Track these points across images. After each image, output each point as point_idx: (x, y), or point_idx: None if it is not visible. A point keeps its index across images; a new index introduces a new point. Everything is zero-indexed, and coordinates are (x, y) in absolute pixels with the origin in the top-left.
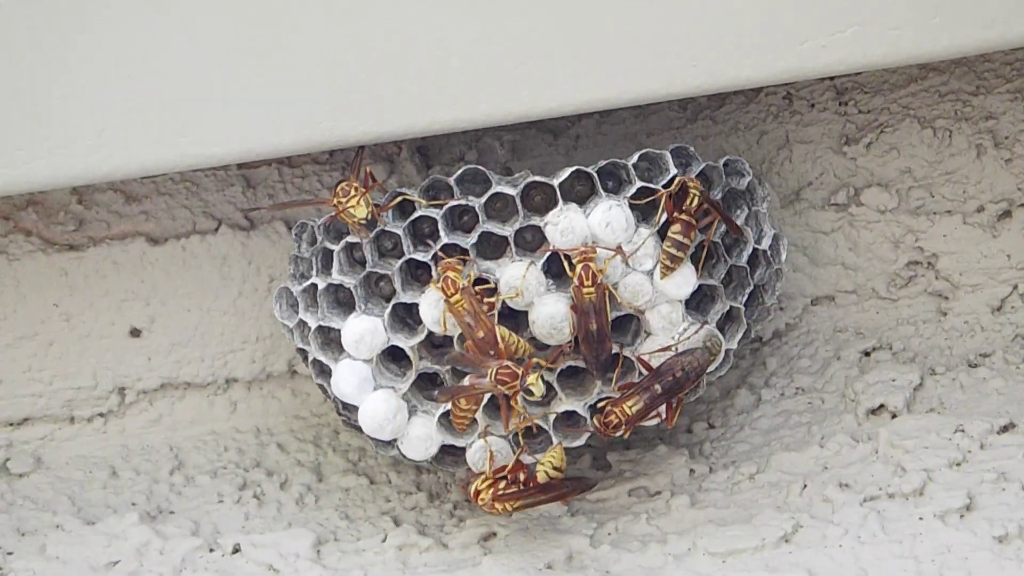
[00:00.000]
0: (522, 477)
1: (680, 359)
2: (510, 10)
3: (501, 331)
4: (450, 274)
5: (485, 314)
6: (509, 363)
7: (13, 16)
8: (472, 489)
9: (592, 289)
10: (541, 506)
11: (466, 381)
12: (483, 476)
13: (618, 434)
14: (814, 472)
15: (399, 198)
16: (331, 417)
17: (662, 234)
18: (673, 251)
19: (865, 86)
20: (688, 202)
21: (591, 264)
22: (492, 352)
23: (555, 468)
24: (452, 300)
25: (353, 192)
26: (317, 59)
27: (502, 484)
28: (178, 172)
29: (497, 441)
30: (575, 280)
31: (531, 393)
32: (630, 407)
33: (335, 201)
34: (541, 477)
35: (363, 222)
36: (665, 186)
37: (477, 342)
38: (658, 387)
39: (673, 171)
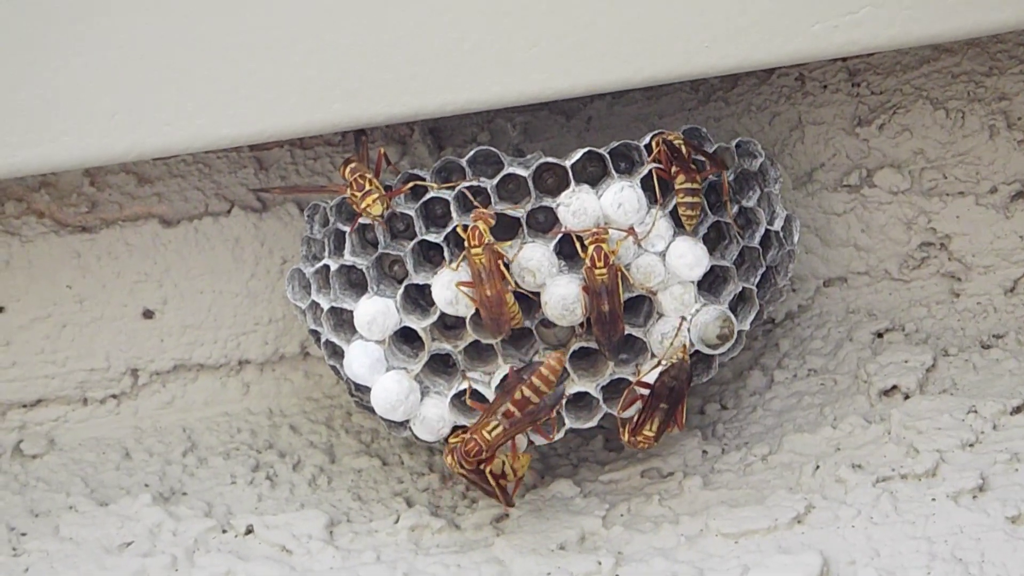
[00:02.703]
0: (483, 456)
1: (663, 378)
2: None
3: (508, 296)
4: (480, 224)
5: (499, 276)
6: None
7: None
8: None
9: (604, 270)
10: (479, 487)
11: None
12: (461, 433)
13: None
14: (827, 453)
15: (412, 183)
16: (344, 398)
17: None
18: (689, 199)
19: (878, 67)
20: (681, 152)
21: (603, 245)
22: (495, 313)
23: (512, 468)
24: (473, 251)
25: (368, 187)
26: (329, 40)
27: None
28: (190, 154)
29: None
30: (587, 261)
31: None
32: (651, 428)
33: (349, 193)
34: (495, 466)
35: (380, 218)
36: (647, 147)
37: (482, 298)
38: (664, 404)
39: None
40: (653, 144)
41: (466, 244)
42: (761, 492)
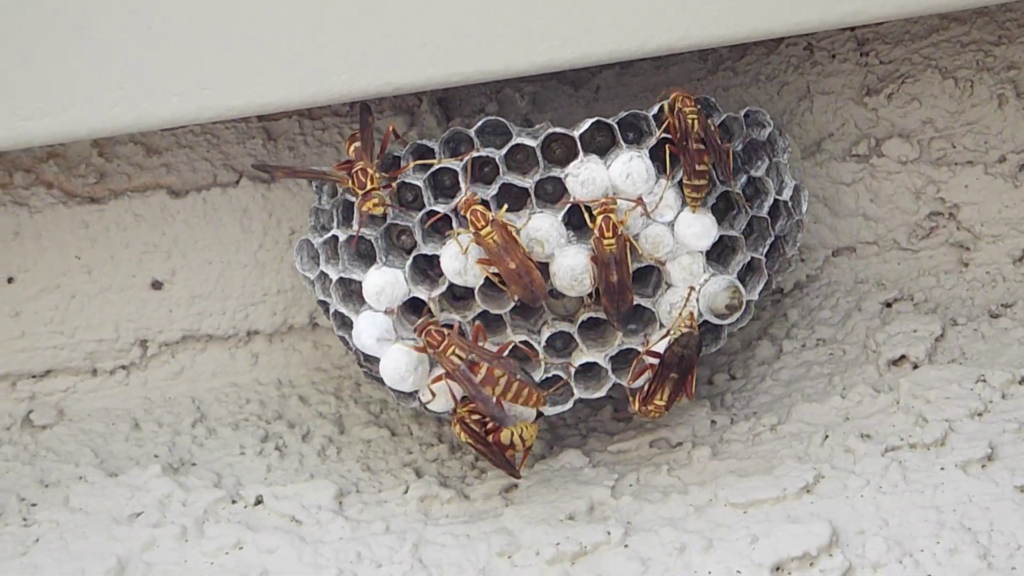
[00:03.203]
0: (489, 425)
1: (673, 348)
2: None
3: (531, 262)
4: (477, 207)
5: (516, 246)
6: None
7: None
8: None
9: (613, 240)
10: (487, 457)
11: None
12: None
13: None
14: (835, 423)
15: (413, 163)
16: (352, 369)
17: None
18: (694, 181)
19: (886, 37)
20: (692, 130)
21: (612, 215)
22: (526, 282)
23: (521, 438)
24: (483, 233)
25: (369, 184)
26: (337, 11)
27: (475, 417)
28: (199, 124)
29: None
30: (596, 231)
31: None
32: (661, 398)
33: (350, 184)
34: (504, 436)
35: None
36: (656, 116)
37: (508, 273)
38: (674, 374)
39: None
40: (666, 109)
41: (473, 230)
42: (770, 462)
